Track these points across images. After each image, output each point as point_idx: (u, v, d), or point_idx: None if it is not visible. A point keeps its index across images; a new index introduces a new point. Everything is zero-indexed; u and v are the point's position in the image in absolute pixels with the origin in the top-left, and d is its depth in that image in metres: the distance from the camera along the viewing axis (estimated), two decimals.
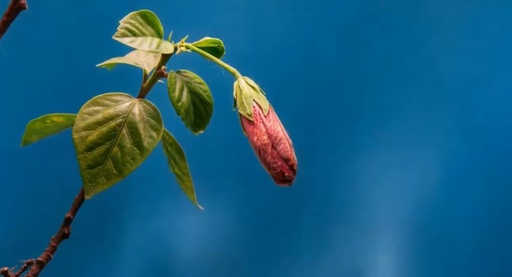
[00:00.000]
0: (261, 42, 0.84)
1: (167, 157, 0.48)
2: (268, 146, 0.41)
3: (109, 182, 0.41)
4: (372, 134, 0.85)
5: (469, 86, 0.84)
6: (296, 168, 0.42)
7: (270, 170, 0.41)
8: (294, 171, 0.42)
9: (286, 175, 0.41)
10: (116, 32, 0.41)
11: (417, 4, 0.84)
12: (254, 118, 0.42)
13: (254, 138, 0.42)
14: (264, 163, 0.41)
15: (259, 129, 0.42)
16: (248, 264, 0.85)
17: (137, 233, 0.83)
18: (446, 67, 0.84)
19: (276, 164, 0.41)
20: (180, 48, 0.44)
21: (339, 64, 0.84)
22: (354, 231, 0.85)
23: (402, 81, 0.85)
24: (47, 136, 0.48)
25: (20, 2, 0.41)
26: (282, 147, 0.41)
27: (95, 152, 0.41)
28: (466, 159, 0.85)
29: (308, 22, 0.84)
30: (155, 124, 0.42)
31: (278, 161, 0.41)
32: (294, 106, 0.84)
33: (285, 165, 0.41)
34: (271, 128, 0.42)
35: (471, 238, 0.85)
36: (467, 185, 0.85)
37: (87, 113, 0.41)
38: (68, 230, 0.45)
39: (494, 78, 0.84)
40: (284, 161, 0.41)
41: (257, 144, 0.41)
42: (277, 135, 0.42)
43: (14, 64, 0.80)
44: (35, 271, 0.44)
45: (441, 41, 0.84)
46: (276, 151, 0.41)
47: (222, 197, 0.85)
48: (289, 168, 0.41)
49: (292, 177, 0.41)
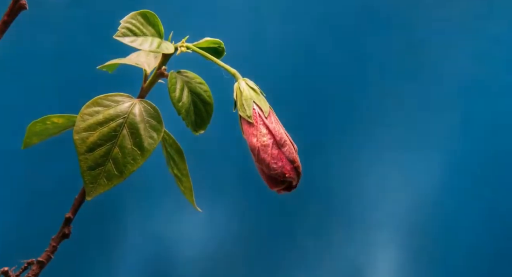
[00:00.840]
0: (261, 43, 0.84)
1: (166, 158, 0.47)
2: (268, 147, 0.41)
3: (110, 183, 0.41)
4: (372, 134, 0.85)
5: (470, 86, 0.84)
6: (301, 171, 0.41)
7: (269, 171, 0.41)
8: (298, 173, 0.41)
9: (287, 176, 0.41)
10: (117, 31, 0.41)
11: (418, 4, 0.84)
12: (254, 119, 0.42)
13: (253, 139, 0.41)
14: (263, 164, 0.41)
15: (259, 131, 0.42)
16: (248, 264, 0.85)
17: (137, 233, 0.83)
18: (447, 67, 0.84)
19: (276, 164, 0.41)
20: (181, 48, 0.44)
21: (339, 64, 0.84)
22: (354, 231, 0.85)
23: (403, 81, 0.85)
24: (48, 138, 0.48)
25: (20, 2, 0.41)
26: (287, 148, 0.41)
27: (96, 153, 0.41)
28: (466, 159, 0.85)
29: (308, 23, 0.84)
30: (156, 125, 0.42)
31: (279, 161, 0.41)
32: (294, 106, 0.84)
33: (287, 167, 0.41)
34: (274, 129, 0.42)
35: (470, 238, 0.85)
36: (467, 185, 0.85)
37: (87, 113, 0.41)
38: (69, 230, 0.45)
39: (495, 78, 0.84)
40: (289, 162, 0.41)
41: (256, 145, 0.41)
42: (282, 136, 0.42)
43: (14, 64, 0.80)
44: (36, 271, 0.44)
45: (441, 42, 0.84)
46: (277, 151, 0.41)
47: (222, 197, 0.85)
48: (293, 169, 0.41)
49: (293, 178, 0.41)
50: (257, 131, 0.42)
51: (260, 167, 0.42)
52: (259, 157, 0.41)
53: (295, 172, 0.41)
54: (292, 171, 0.41)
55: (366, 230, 0.85)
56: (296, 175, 0.41)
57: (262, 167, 0.41)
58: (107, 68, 0.49)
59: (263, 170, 0.41)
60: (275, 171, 0.41)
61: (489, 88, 0.84)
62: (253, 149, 0.41)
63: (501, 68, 0.84)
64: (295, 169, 0.41)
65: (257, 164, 0.42)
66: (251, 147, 0.42)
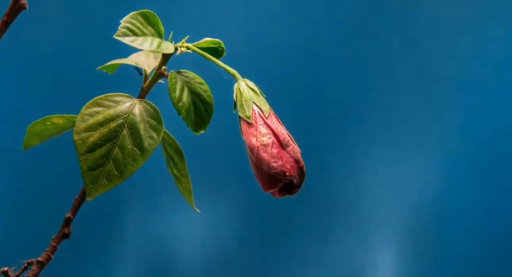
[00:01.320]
0: (262, 43, 0.84)
1: (165, 158, 0.47)
2: (267, 147, 0.41)
3: (111, 183, 0.41)
4: (373, 134, 0.85)
5: (470, 86, 0.84)
6: (305, 170, 0.41)
7: (269, 170, 0.40)
8: (302, 173, 0.41)
9: (287, 174, 0.40)
10: (117, 31, 0.41)
11: (419, 4, 0.84)
12: (254, 120, 0.42)
13: (252, 139, 0.41)
14: (262, 163, 0.40)
15: (259, 131, 0.42)
16: (248, 264, 0.85)
17: (137, 233, 0.83)
18: (447, 67, 0.84)
19: (276, 163, 0.40)
20: (181, 48, 0.44)
21: (339, 64, 0.84)
22: (354, 231, 0.85)
23: (403, 81, 0.85)
24: (48, 138, 0.48)
25: (20, 2, 0.41)
26: (291, 148, 0.41)
27: (96, 154, 0.41)
28: (466, 159, 0.85)
29: (308, 23, 0.84)
30: (156, 125, 0.42)
31: (279, 160, 0.41)
32: (294, 106, 0.84)
33: (287, 165, 0.41)
34: (277, 129, 0.42)
35: (470, 237, 0.85)
36: (466, 184, 0.85)
37: (87, 114, 0.41)
38: (69, 230, 0.45)
39: (496, 78, 0.84)
40: (291, 161, 0.41)
41: (256, 144, 0.41)
42: (285, 136, 0.42)
43: (14, 65, 0.80)
44: (36, 271, 0.44)
45: (442, 41, 0.84)
46: (277, 150, 0.41)
47: (222, 197, 0.85)
48: (294, 168, 0.41)
49: (294, 176, 0.41)
50: (256, 131, 0.42)
51: (257, 168, 0.41)
52: (258, 156, 0.41)
53: (298, 171, 0.41)
54: (292, 169, 0.41)
55: (365, 230, 0.85)
56: (299, 174, 0.41)
57: (261, 166, 0.41)
58: (108, 69, 0.49)
59: (262, 170, 0.41)
60: (275, 169, 0.40)
61: (489, 88, 0.84)
62: (252, 149, 0.41)
63: (501, 68, 0.84)
64: (299, 169, 0.41)
65: (253, 166, 0.42)
66: (250, 147, 0.41)
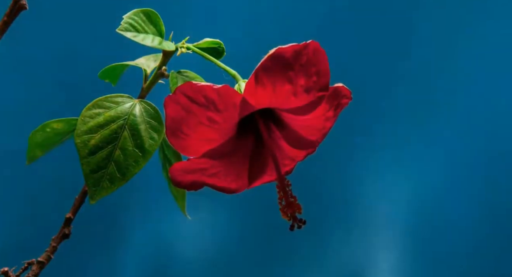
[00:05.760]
0: (262, 43, 0.83)
1: (162, 161, 0.47)
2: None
3: (113, 186, 0.40)
4: (373, 134, 0.85)
5: (469, 86, 0.84)
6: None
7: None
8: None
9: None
10: (120, 25, 0.41)
11: (419, 4, 0.84)
12: None
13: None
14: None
15: None
16: (247, 265, 0.85)
17: (137, 233, 0.83)
18: (446, 67, 0.84)
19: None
20: (181, 49, 0.44)
21: (339, 64, 0.84)
22: (354, 231, 0.85)
23: (402, 81, 0.85)
24: (51, 149, 0.48)
25: (20, 2, 0.41)
26: None
27: (98, 156, 0.41)
28: (465, 159, 0.85)
29: (308, 24, 0.84)
30: (156, 125, 0.42)
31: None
32: None
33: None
34: None
35: (469, 237, 0.85)
36: (466, 185, 0.85)
37: (88, 116, 0.41)
38: (69, 231, 0.45)
39: (495, 78, 0.84)
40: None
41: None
42: None
43: (14, 65, 0.80)
44: (36, 272, 0.44)
45: (440, 41, 0.84)
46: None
47: (221, 197, 0.84)
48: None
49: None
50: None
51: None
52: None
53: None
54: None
55: (365, 230, 0.85)
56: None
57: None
58: (111, 80, 0.49)
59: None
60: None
61: (489, 88, 0.84)
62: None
63: (501, 68, 0.84)
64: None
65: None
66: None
